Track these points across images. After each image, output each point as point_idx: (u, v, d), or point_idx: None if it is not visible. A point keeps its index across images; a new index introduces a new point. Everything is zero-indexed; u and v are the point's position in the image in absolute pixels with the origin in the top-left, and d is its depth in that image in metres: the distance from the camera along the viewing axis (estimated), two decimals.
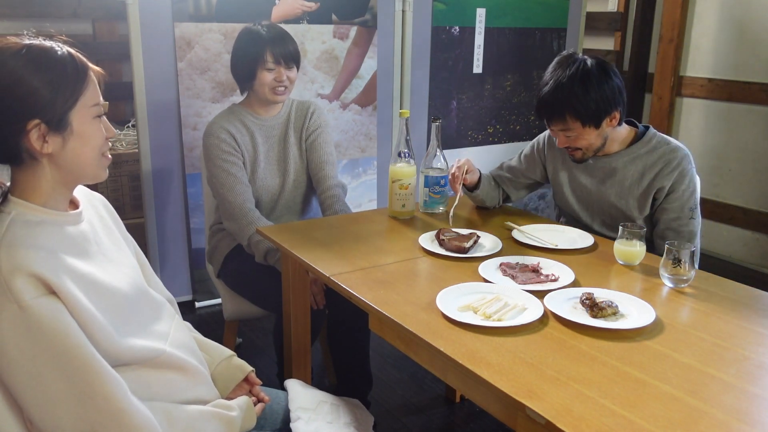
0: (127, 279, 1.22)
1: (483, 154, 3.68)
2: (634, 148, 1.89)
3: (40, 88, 1.08)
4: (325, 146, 2.24)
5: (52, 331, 1.02)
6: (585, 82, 1.75)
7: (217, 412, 1.25)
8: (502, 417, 1.17)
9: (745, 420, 1.03)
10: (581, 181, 1.98)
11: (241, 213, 2.06)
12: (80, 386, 1.04)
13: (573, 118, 1.78)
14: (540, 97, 1.83)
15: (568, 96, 1.76)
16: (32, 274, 1.01)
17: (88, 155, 1.16)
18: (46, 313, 1.02)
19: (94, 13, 3.96)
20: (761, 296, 1.51)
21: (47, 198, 1.14)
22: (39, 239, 1.08)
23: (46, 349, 1.02)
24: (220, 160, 2.10)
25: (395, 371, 2.59)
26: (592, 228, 2.00)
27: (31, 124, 1.08)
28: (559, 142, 1.88)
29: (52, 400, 1.03)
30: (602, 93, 1.76)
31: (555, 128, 1.85)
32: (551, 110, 1.80)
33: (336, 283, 1.55)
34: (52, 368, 1.02)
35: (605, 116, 1.79)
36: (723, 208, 3.89)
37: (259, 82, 2.09)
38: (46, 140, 1.10)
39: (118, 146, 3.54)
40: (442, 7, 3.33)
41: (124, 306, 1.17)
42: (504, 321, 1.32)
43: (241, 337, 2.80)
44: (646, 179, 1.87)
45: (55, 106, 1.10)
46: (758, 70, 3.69)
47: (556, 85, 1.77)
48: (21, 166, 1.12)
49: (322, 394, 1.52)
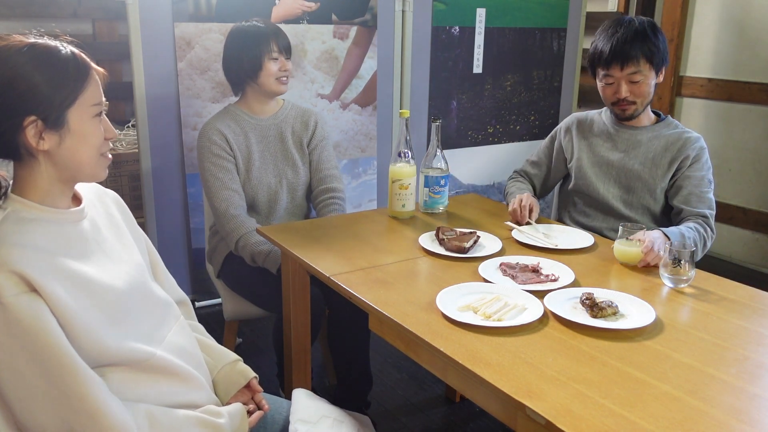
0: (127, 278, 1.21)
1: (483, 154, 3.68)
2: (657, 127, 2.06)
3: (39, 85, 1.09)
4: (331, 159, 2.29)
5: (30, 329, 1.02)
6: (654, 29, 1.95)
7: (203, 418, 1.22)
8: (502, 417, 1.17)
9: (745, 420, 1.03)
10: (602, 154, 2.09)
11: (225, 219, 2.08)
12: (57, 385, 1.04)
13: (645, 60, 1.92)
14: (613, 46, 1.92)
15: (644, 39, 1.91)
16: (14, 271, 1.02)
17: (86, 154, 1.16)
18: (26, 311, 1.02)
19: (94, 13, 3.96)
20: (761, 296, 1.51)
21: (45, 195, 1.14)
22: (29, 236, 1.08)
23: (25, 347, 1.02)
24: (209, 163, 2.11)
25: (395, 371, 2.59)
26: (608, 203, 2.06)
27: (27, 120, 1.09)
28: (621, 92, 1.95)
29: (32, 396, 1.04)
30: (664, 43, 1.97)
31: (626, 72, 1.93)
32: (627, 53, 1.91)
33: (336, 283, 1.55)
34: (31, 366, 1.03)
35: (663, 65, 1.97)
36: (723, 208, 3.89)
37: (265, 72, 2.11)
38: (43, 137, 1.11)
39: (118, 146, 3.55)
40: (442, 7, 3.33)
41: (118, 306, 1.16)
42: (504, 321, 1.32)
43: (241, 337, 2.80)
44: (669, 152, 2.01)
45: (53, 104, 1.10)
46: (758, 70, 3.69)
47: (634, 31, 1.91)
48: (20, 162, 1.13)
49: (327, 408, 1.48)
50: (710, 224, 1.92)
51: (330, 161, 2.28)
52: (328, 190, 2.24)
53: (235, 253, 2.11)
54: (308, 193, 2.31)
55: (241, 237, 2.05)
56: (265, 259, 2.02)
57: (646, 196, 2.03)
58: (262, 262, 2.03)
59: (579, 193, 2.13)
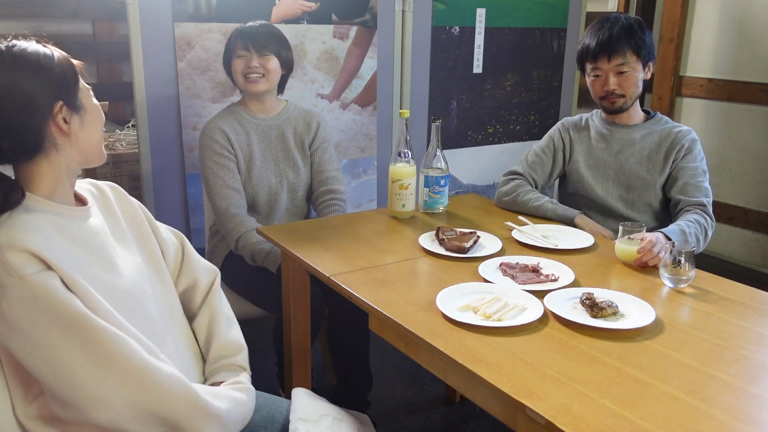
0: (130, 278, 1.22)
1: (483, 154, 3.68)
2: (648, 124, 2.09)
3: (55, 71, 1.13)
4: (333, 160, 2.30)
5: (56, 302, 1.03)
6: (641, 25, 2.01)
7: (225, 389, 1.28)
8: (502, 417, 1.17)
9: (745, 420, 1.03)
10: (598, 155, 2.11)
11: (226, 217, 2.08)
12: (96, 350, 1.05)
13: (632, 52, 1.97)
14: (600, 40, 1.97)
15: (630, 33, 1.97)
16: (28, 250, 1.03)
17: (99, 134, 1.22)
18: (49, 285, 1.03)
19: (94, 13, 3.96)
20: (761, 296, 1.51)
21: (52, 191, 1.16)
22: (40, 224, 1.10)
23: (56, 320, 1.03)
24: (211, 162, 2.12)
25: (395, 371, 2.59)
26: (608, 204, 2.07)
27: (57, 106, 1.12)
28: (608, 85, 2.00)
29: (72, 369, 1.04)
30: (651, 39, 2.03)
31: (613, 63, 1.97)
32: (614, 46, 1.96)
33: (336, 283, 1.55)
34: (66, 337, 1.04)
35: (650, 60, 2.02)
36: (723, 208, 3.89)
37: (233, 70, 2.15)
38: (67, 121, 1.14)
39: (118, 146, 3.54)
40: (442, 7, 3.33)
41: (122, 303, 1.17)
42: (504, 321, 1.32)
43: None
44: (663, 147, 2.04)
45: (70, 87, 1.15)
46: (758, 70, 3.69)
47: (620, 26, 1.97)
48: (33, 158, 1.14)
49: (327, 407, 1.48)
50: (708, 212, 1.93)
51: (331, 163, 2.28)
52: (329, 191, 2.24)
53: (235, 252, 2.11)
54: (309, 194, 2.32)
55: (241, 236, 2.05)
56: (266, 258, 2.02)
57: (646, 192, 2.04)
58: (262, 261, 2.03)
59: (578, 195, 2.13)
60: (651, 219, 2.05)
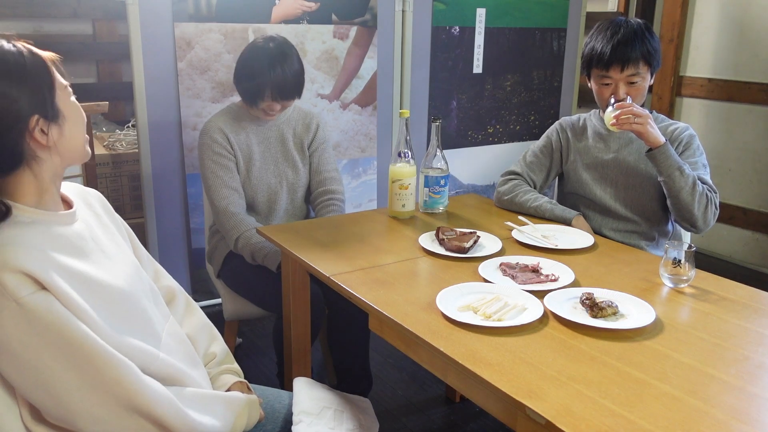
0: (125, 277, 1.21)
1: (483, 154, 3.69)
2: None
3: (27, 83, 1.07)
4: (331, 161, 2.29)
5: (53, 324, 1.03)
6: (650, 30, 1.97)
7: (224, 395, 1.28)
8: (502, 417, 1.17)
9: (745, 420, 1.03)
10: (596, 155, 2.09)
11: (225, 217, 2.08)
12: (91, 373, 1.05)
13: (644, 61, 1.93)
14: (613, 47, 1.92)
15: (642, 40, 1.92)
16: (22, 271, 1.01)
17: (81, 136, 1.19)
18: (45, 307, 1.02)
19: (94, 13, 3.96)
20: (761, 296, 1.51)
21: (38, 199, 1.14)
22: (29, 238, 1.08)
23: (51, 343, 1.03)
24: (210, 161, 2.12)
25: (395, 371, 2.59)
26: (606, 204, 2.06)
27: (32, 121, 1.08)
28: (619, 94, 1.95)
29: (66, 391, 1.04)
30: (659, 44, 1.99)
31: (626, 74, 1.93)
32: (628, 55, 1.91)
33: (336, 283, 1.55)
34: (60, 360, 1.03)
35: (658, 67, 1.99)
36: (723, 208, 3.85)
37: (251, 101, 2.12)
38: (46, 133, 1.10)
39: (118, 146, 3.55)
40: (442, 7, 3.33)
41: (120, 305, 1.17)
42: (504, 321, 1.32)
43: (241, 337, 2.80)
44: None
45: (45, 97, 1.10)
46: (758, 70, 3.69)
47: (632, 33, 1.92)
48: (15, 171, 1.10)
49: (328, 398, 1.50)
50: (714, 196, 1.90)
51: (330, 163, 2.28)
52: (327, 191, 2.24)
53: (235, 251, 2.11)
54: (308, 195, 2.32)
55: (240, 235, 2.06)
56: (265, 257, 2.02)
57: (645, 190, 2.02)
58: (261, 260, 2.04)
59: (576, 194, 2.13)
60: (650, 219, 2.05)
